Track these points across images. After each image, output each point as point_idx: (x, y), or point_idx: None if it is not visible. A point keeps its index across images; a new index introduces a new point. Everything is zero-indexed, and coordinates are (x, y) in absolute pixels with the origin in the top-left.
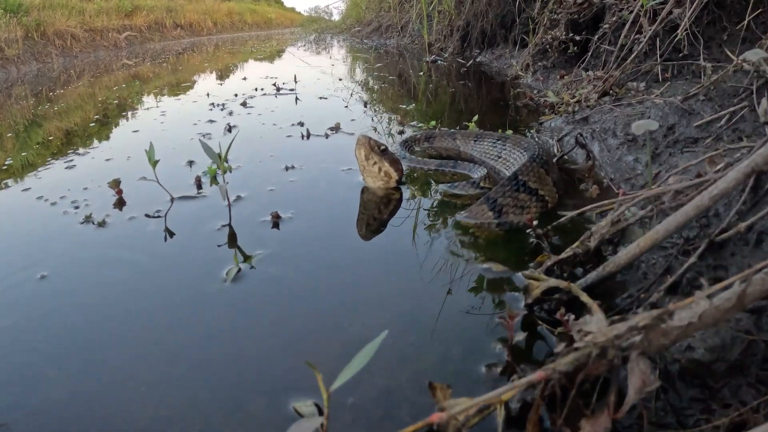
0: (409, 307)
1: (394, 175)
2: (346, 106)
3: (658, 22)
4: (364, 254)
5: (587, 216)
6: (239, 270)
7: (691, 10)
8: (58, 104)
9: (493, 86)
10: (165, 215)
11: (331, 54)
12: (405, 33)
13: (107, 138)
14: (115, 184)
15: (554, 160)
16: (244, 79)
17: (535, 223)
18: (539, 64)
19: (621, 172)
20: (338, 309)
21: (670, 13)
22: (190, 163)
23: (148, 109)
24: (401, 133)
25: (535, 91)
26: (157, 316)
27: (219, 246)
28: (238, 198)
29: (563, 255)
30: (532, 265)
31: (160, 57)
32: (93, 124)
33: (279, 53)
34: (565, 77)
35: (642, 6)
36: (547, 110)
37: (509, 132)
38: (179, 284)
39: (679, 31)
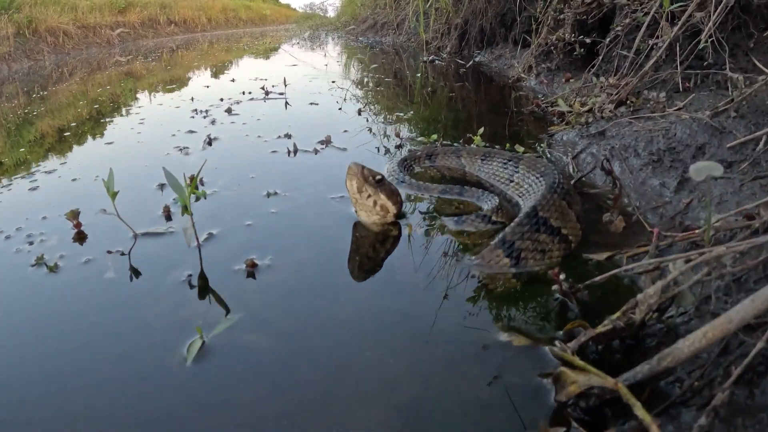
0: (410, 399)
1: (392, 209)
2: (340, 108)
3: (678, 26)
4: (355, 317)
5: (617, 260)
6: (203, 344)
7: (716, 14)
8: (39, 108)
9: (495, 90)
10: (128, 254)
11: (326, 51)
12: (401, 30)
13: (79, 150)
14: (73, 215)
15: (572, 182)
16: (233, 80)
17: (561, 277)
18: (543, 66)
19: (646, 199)
20: (320, 399)
21: (692, 16)
22: (162, 186)
23: (128, 115)
24: (399, 147)
25: (539, 96)
26: (97, 411)
27: (183, 305)
28: (210, 236)
29: (601, 329)
30: (561, 335)
31: (152, 55)
32: (68, 133)
33: (272, 50)
34: (571, 80)
35: (662, 6)
36: (556, 119)
37: (520, 150)
38: (129, 363)
39: (702, 37)
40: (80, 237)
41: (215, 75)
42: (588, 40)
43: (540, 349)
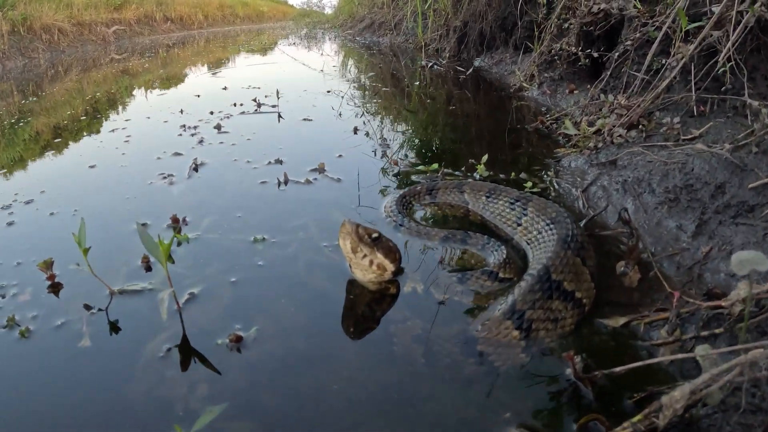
0: None
1: (390, 267)
2: (339, 115)
3: (695, 45)
4: (350, 399)
5: (634, 326)
6: None
7: (735, 34)
8: (26, 117)
9: (496, 100)
10: (105, 316)
11: (323, 51)
12: (398, 31)
13: (60, 173)
14: (47, 266)
15: (583, 223)
16: (225, 88)
17: (577, 360)
18: (545, 75)
19: (662, 243)
20: None
21: (709, 35)
22: (143, 226)
23: (113, 130)
24: (397, 175)
25: (543, 108)
26: None
27: (162, 385)
28: (191, 297)
29: None
30: (576, 430)
31: (148, 53)
32: (53, 151)
33: (269, 49)
34: (575, 92)
35: (674, 21)
36: (562, 139)
37: (528, 184)
38: None
39: (720, 59)
40: (55, 290)
41: (209, 79)
42: (596, 54)
43: None
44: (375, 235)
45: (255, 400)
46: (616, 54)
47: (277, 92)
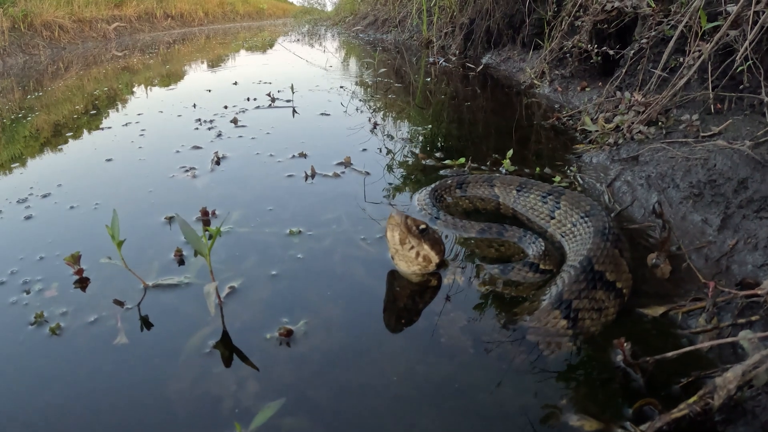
0: None
1: (435, 259)
2: (351, 111)
3: (712, 44)
4: (404, 390)
5: (672, 316)
6: None
7: (752, 34)
8: (32, 113)
9: (509, 98)
10: (139, 314)
11: (326, 48)
12: (403, 28)
13: (77, 167)
14: (74, 260)
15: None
16: (235, 83)
17: (626, 346)
18: (556, 72)
19: (688, 236)
20: None
21: (726, 34)
22: (170, 219)
23: (126, 124)
24: (423, 170)
25: (556, 106)
26: None
27: (209, 383)
28: (232, 291)
29: (676, 413)
30: (631, 414)
31: (149, 50)
32: (65, 145)
33: (270, 46)
34: (587, 89)
35: (690, 19)
36: (579, 135)
37: (556, 179)
38: None
39: (738, 58)
40: (82, 285)
41: (216, 75)
42: (611, 51)
43: None
44: (422, 226)
45: (309, 395)
46: (632, 52)
47: (292, 87)
